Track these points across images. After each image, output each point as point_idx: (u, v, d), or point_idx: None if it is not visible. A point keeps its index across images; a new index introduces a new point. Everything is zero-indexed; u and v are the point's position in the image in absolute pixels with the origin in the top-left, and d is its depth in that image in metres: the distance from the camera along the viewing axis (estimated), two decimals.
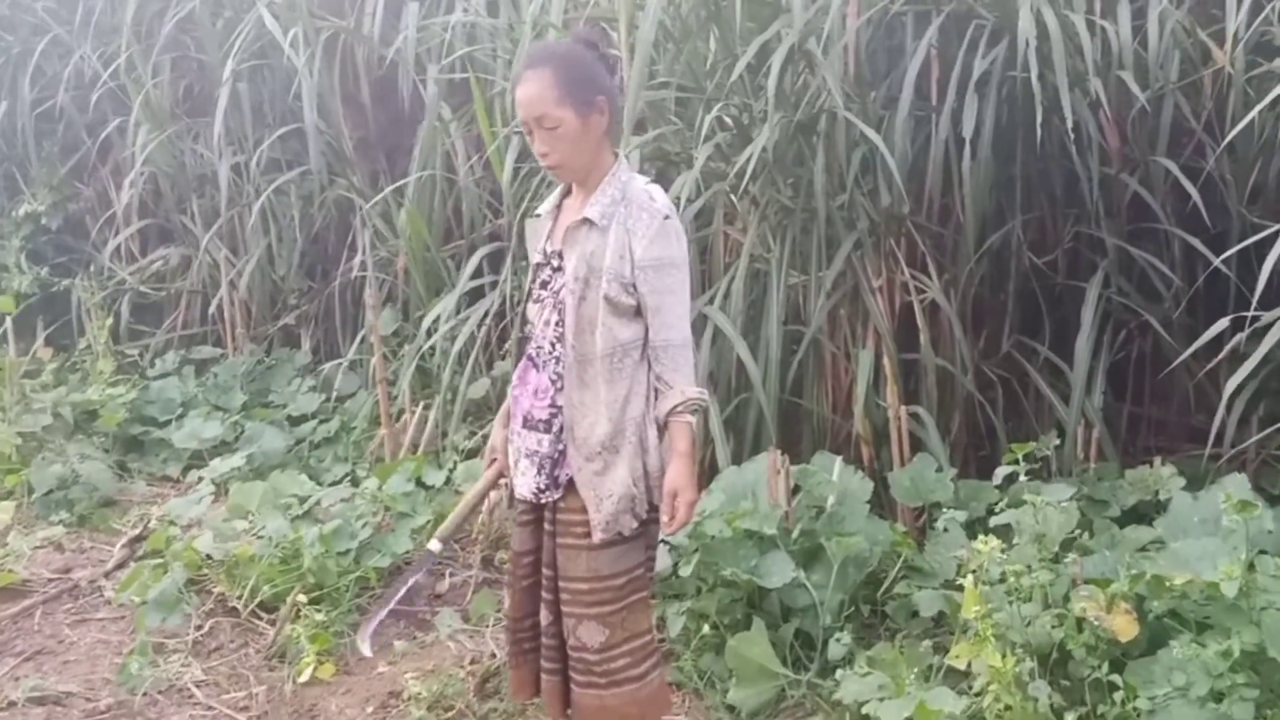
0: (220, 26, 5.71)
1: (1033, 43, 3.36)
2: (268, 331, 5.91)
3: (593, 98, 2.34)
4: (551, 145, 2.34)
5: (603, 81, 2.40)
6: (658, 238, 2.34)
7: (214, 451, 4.97)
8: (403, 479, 3.92)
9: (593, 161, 2.39)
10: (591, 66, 2.39)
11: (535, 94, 2.32)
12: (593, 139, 2.36)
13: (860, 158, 3.73)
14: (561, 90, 2.31)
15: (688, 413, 2.38)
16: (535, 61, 2.37)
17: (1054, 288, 4.18)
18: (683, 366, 2.39)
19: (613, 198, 2.37)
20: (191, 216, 6.07)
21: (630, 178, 2.41)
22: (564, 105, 2.31)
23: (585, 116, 2.33)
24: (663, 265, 2.35)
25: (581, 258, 2.36)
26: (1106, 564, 2.81)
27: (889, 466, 3.83)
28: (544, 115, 2.31)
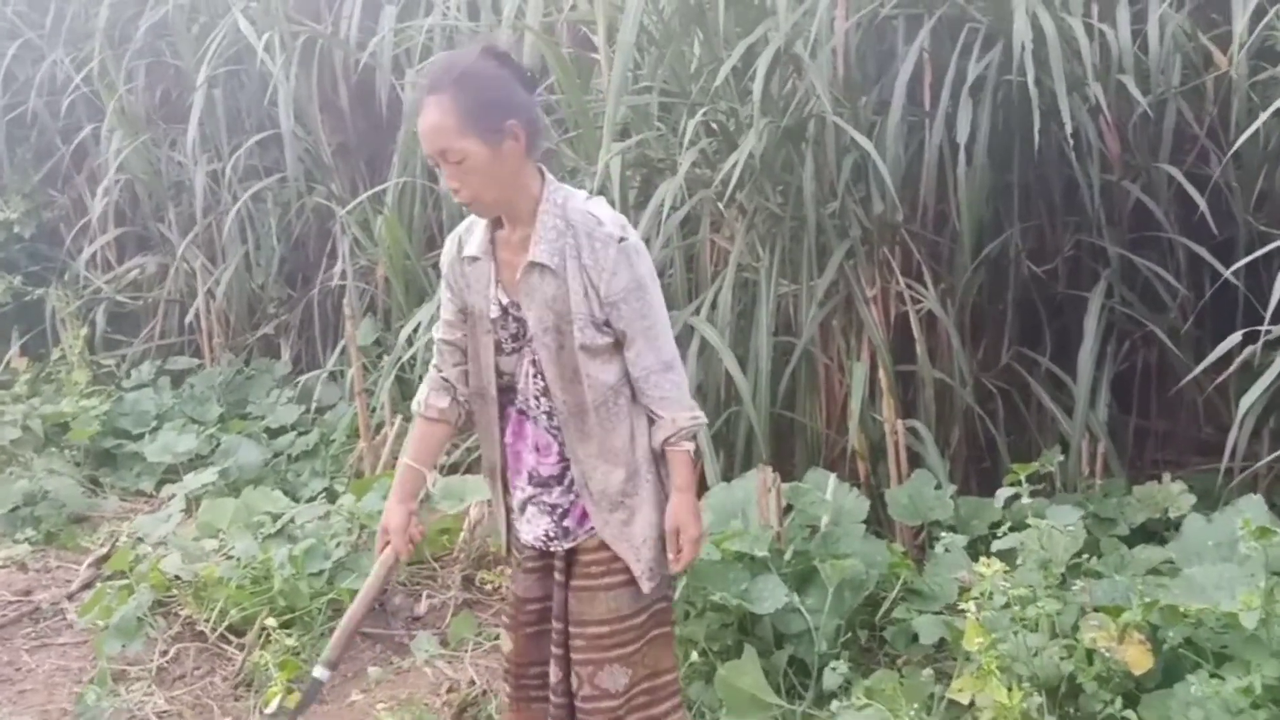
0: (195, 31, 5.58)
1: (1028, 46, 3.24)
2: (246, 341, 5.76)
3: (502, 123, 2.03)
4: (461, 180, 2.05)
5: (514, 101, 2.07)
6: (619, 265, 2.10)
7: (189, 466, 4.82)
8: (379, 495, 3.76)
9: (514, 192, 2.10)
10: (499, 85, 2.06)
11: (434, 124, 2.02)
12: (508, 168, 2.06)
13: (851, 164, 3.60)
14: (464, 118, 2.00)
15: (683, 441, 2.20)
16: (433, 86, 2.05)
17: (1054, 297, 4.07)
18: (670, 391, 2.19)
19: (556, 229, 2.10)
20: (168, 224, 5.93)
21: (566, 197, 2.13)
22: (468, 135, 2.00)
23: (495, 145, 2.03)
24: (631, 292, 2.12)
25: (544, 306, 2.13)
26: (1116, 590, 2.67)
27: (885, 483, 3.70)
28: (447, 149, 2.02)
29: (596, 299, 2.11)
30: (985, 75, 3.52)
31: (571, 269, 2.10)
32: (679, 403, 2.19)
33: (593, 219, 2.11)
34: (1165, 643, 2.43)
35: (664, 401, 2.18)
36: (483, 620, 3.51)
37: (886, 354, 3.65)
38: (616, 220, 2.14)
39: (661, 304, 2.19)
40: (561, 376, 2.16)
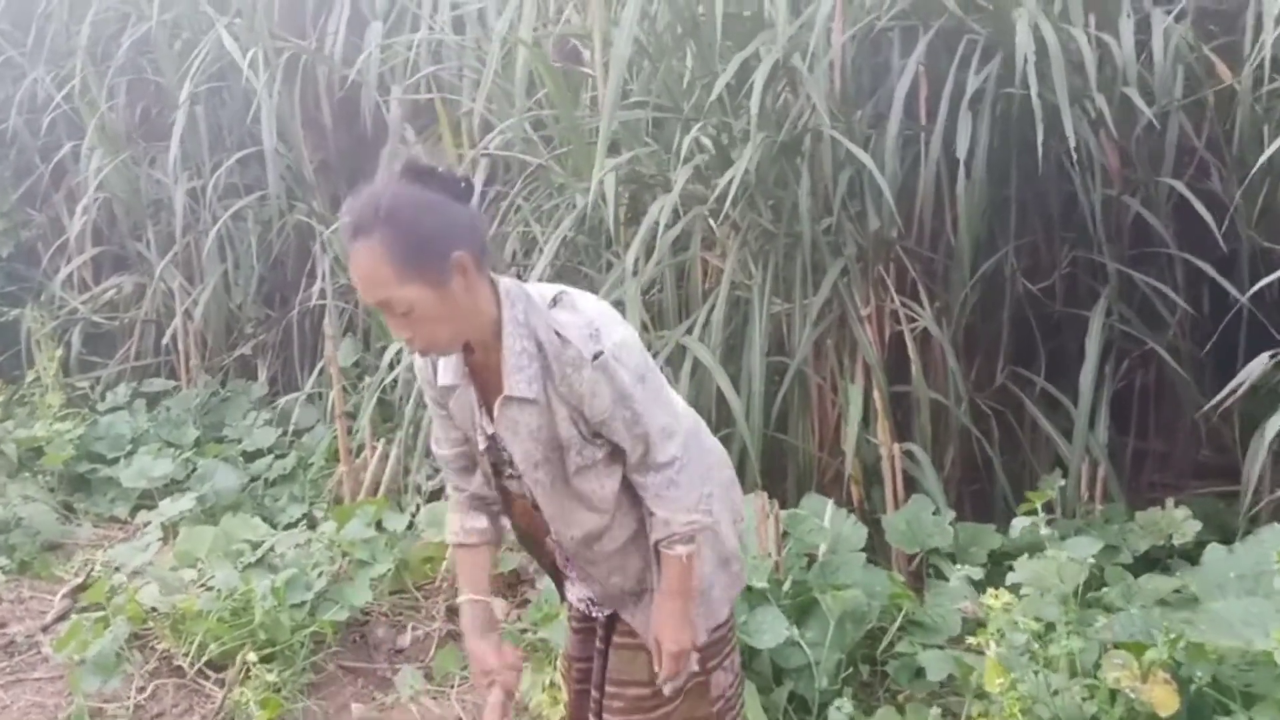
0: (178, 48, 5.48)
1: (1031, 58, 3.16)
2: (223, 362, 5.63)
3: (444, 260, 1.77)
4: (411, 329, 1.81)
5: (453, 226, 1.80)
6: (598, 385, 1.85)
7: (164, 491, 4.68)
8: (361, 523, 3.65)
9: (471, 324, 1.85)
10: (432, 213, 1.78)
11: (369, 276, 1.76)
12: (460, 305, 1.81)
13: (847, 179, 3.51)
14: (401, 264, 1.74)
15: (677, 544, 1.98)
16: (358, 228, 1.76)
17: (1051, 315, 3.99)
18: (667, 490, 1.96)
19: (528, 353, 1.85)
20: (146, 243, 5.79)
21: (528, 310, 1.86)
22: (409, 282, 1.75)
23: (443, 286, 1.78)
24: (618, 405, 1.87)
25: (529, 439, 1.91)
26: (1134, 624, 2.57)
27: (879, 508, 3.60)
28: (387, 301, 1.77)
29: (584, 421, 1.90)
30: (984, 88, 3.45)
31: (554, 400, 1.88)
32: (677, 502, 1.97)
33: (558, 341, 1.85)
34: (1192, 682, 2.32)
35: (659, 500, 1.97)
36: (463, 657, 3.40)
37: (881, 374, 3.57)
38: (585, 331, 1.86)
39: (657, 399, 1.94)
40: (562, 512, 1.99)
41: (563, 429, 1.89)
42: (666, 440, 1.93)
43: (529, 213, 3.87)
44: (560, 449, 1.91)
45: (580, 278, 3.90)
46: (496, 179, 4.10)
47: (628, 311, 3.33)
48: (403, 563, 3.61)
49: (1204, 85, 3.58)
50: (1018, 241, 3.80)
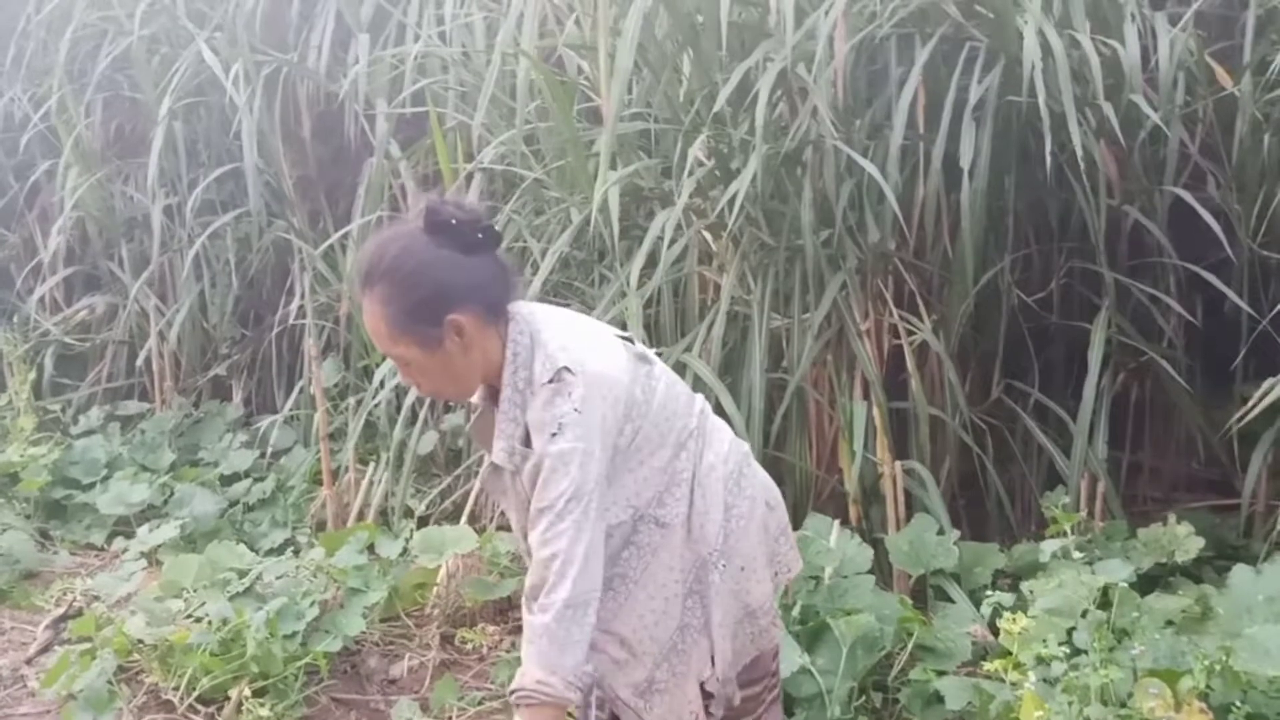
0: (156, 63, 5.35)
1: (1038, 65, 3.11)
2: (197, 383, 5.50)
3: (437, 324, 1.79)
4: (414, 378, 1.89)
5: (452, 288, 1.80)
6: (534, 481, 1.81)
7: (141, 516, 4.54)
8: (354, 549, 3.53)
9: (476, 374, 1.88)
10: (433, 272, 1.80)
11: (371, 328, 1.84)
12: (455, 364, 1.84)
13: (848, 191, 3.45)
14: (394, 326, 1.79)
15: (524, 706, 1.76)
16: (365, 279, 1.82)
17: (1047, 328, 3.94)
18: (541, 641, 1.75)
19: (515, 421, 1.83)
20: (120, 263, 5.65)
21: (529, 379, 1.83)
22: (401, 340, 1.81)
23: (436, 346, 1.81)
24: (539, 512, 1.79)
25: (520, 506, 1.89)
26: (1159, 649, 2.49)
27: (878, 527, 3.53)
28: (389, 353, 1.87)
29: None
30: (986, 97, 3.40)
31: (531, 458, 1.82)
32: (539, 654, 1.75)
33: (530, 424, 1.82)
34: (1231, 711, 2.24)
35: (527, 643, 1.78)
36: (465, 683, 3.28)
37: (881, 390, 3.50)
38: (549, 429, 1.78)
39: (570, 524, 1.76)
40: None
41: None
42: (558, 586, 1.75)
43: (524, 227, 3.78)
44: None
45: (574, 293, 3.82)
46: (494, 194, 4.01)
47: (629, 328, 3.24)
48: (394, 589, 3.50)
49: (1205, 92, 3.55)
50: (1017, 254, 3.76)
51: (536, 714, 1.75)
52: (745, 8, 3.59)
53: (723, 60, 3.45)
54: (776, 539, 2.07)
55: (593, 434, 1.78)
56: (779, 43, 3.37)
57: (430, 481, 4.30)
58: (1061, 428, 3.78)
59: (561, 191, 3.73)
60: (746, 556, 1.98)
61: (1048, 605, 2.68)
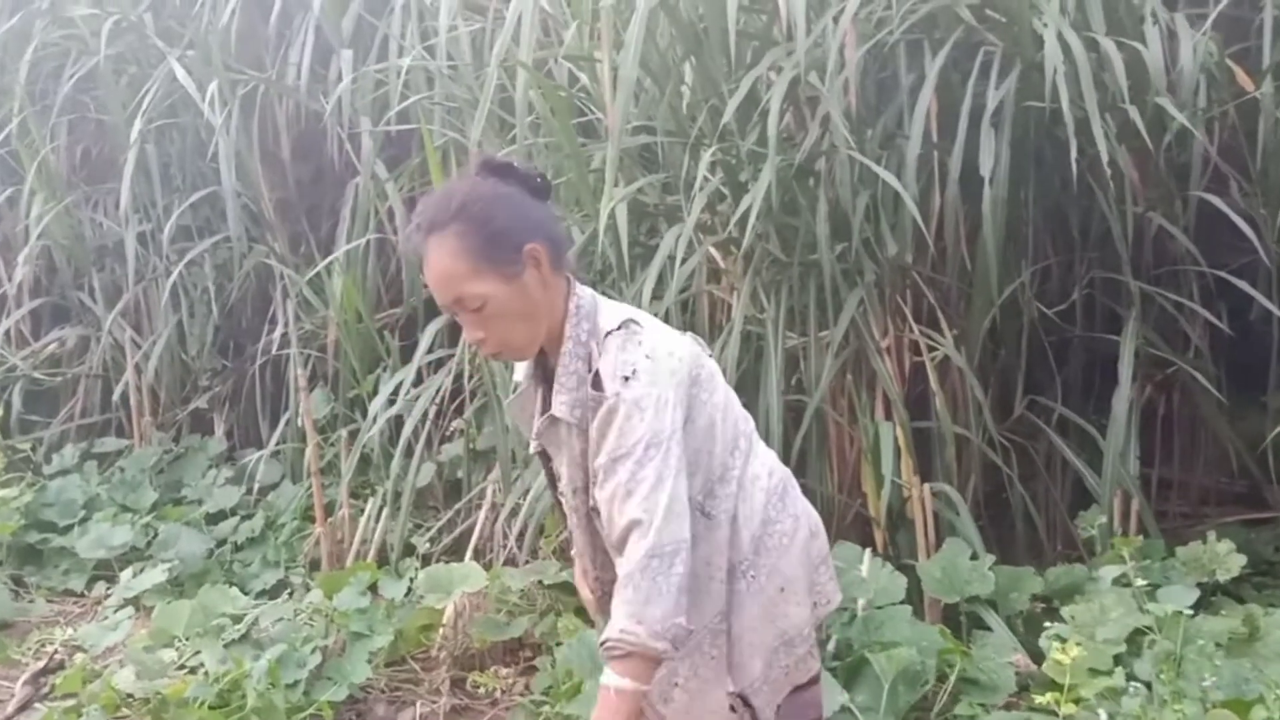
0: (125, 84, 5.15)
1: (1061, 69, 2.99)
2: (176, 417, 5.27)
3: (518, 251, 1.75)
4: (484, 328, 1.77)
5: (528, 220, 1.78)
6: (606, 430, 1.73)
7: (124, 559, 4.33)
8: (355, 591, 3.34)
9: (544, 323, 1.80)
10: (508, 206, 1.77)
11: (444, 271, 1.74)
12: (534, 299, 1.77)
13: (864, 203, 3.31)
14: (474, 257, 1.73)
15: (611, 659, 1.68)
16: (432, 224, 1.76)
17: (1069, 340, 3.82)
18: (625, 591, 1.68)
19: (578, 375, 1.77)
20: (91, 293, 5.42)
21: (590, 330, 1.79)
22: (483, 276, 1.73)
23: (516, 279, 1.75)
24: (610, 462, 1.72)
25: (572, 463, 1.81)
26: (1221, 676, 2.36)
27: (905, 553, 3.38)
28: (461, 296, 1.75)
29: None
30: (1003, 103, 3.27)
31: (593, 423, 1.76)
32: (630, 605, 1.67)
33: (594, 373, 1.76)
34: None
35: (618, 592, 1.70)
36: None
37: (903, 410, 3.36)
38: (620, 369, 1.73)
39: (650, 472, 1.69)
40: (593, 545, 1.87)
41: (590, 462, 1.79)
42: (642, 536, 1.68)
43: None
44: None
45: None
46: None
47: None
48: (399, 632, 3.31)
49: (1226, 95, 3.44)
50: (1039, 265, 3.64)
51: (623, 665, 1.67)
52: (750, 15, 3.45)
53: (730, 69, 3.30)
54: (817, 567, 1.98)
55: (666, 381, 1.73)
56: (787, 51, 3.24)
57: (427, 516, 4.12)
58: (1083, 440, 3.67)
59: (562, 210, 3.57)
60: (787, 577, 1.89)
61: (1107, 635, 2.53)
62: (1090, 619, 2.88)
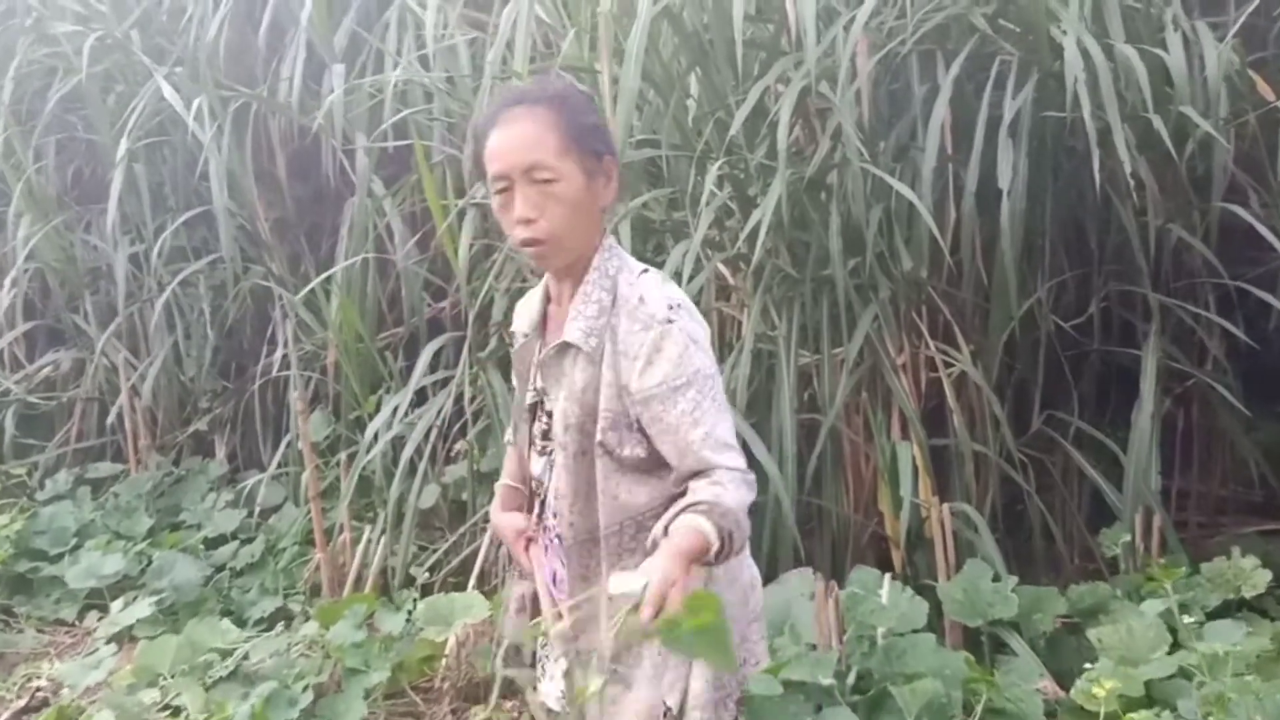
0: (112, 102, 5.06)
1: (1082, 77, 2.90)
2: (176, 440, 5.16)
3: (602, 154, 1.75)
4: (542, 209, 1.69)
5: (611, 139, 1.82)
6: (662, 353, 1.67)
7: (116, 589, 4.21)
8: (351, 624, 3.22)
9: (586, 243, 1.76)
10: (597, 115, 1.83)
11: (529, 135, 1.69)
12: (593, 212, 1.75)
13: (878, 217, 3.21)
14: (566, 136, 1.69)
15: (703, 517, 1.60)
16: (523, 98, 1.75)
17: (1088, 354, 3.73)
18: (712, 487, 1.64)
19: (600, 305, 1.73)
20: (85, 315, 5.33)
21: (620, 268, 1.77)
22: (567, 156, 1.69)
23: (593, 177, 1.73)
24: (676, 389, 1.66)
25: (571, 396, 1.75)
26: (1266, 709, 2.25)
27: (922, 574, 3.29)
28: (538, 164, 1.68)
29: (628, 396, 1.71)
30: (1020, 113, 3.18)
31: (608, 354, 1.72)
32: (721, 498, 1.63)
33: (634, 298, 1.73)
34: None
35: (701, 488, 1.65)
36: None
37: (920, 428, 3.26)
38: (665, 298, 1.72)
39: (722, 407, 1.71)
40: (575, 490, 1.77)
41: (604, 396, 1.72)
42: (727, 450, 1.69)
43: (523, 266, 3.52)
44: (595, 421, 1.73)
45: None
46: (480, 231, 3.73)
47: None
48: (398, 664, 3.20)
49: (1245, 104, 3.35)
50: (1058, 278, 3.55)
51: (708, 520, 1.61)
52: (757, 25, 3.36)
53: (738, 80, 3.21)
54: (751, 623, 1.90)
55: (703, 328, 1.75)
56: (795, 61, 3.15)
57: (433, 538, 4.02)
58: (1100, 454, 3.57)
59: None
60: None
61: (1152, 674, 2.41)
62: (1118, 642, 2.78)
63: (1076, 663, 3.00)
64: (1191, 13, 3.38)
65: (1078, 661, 3.00)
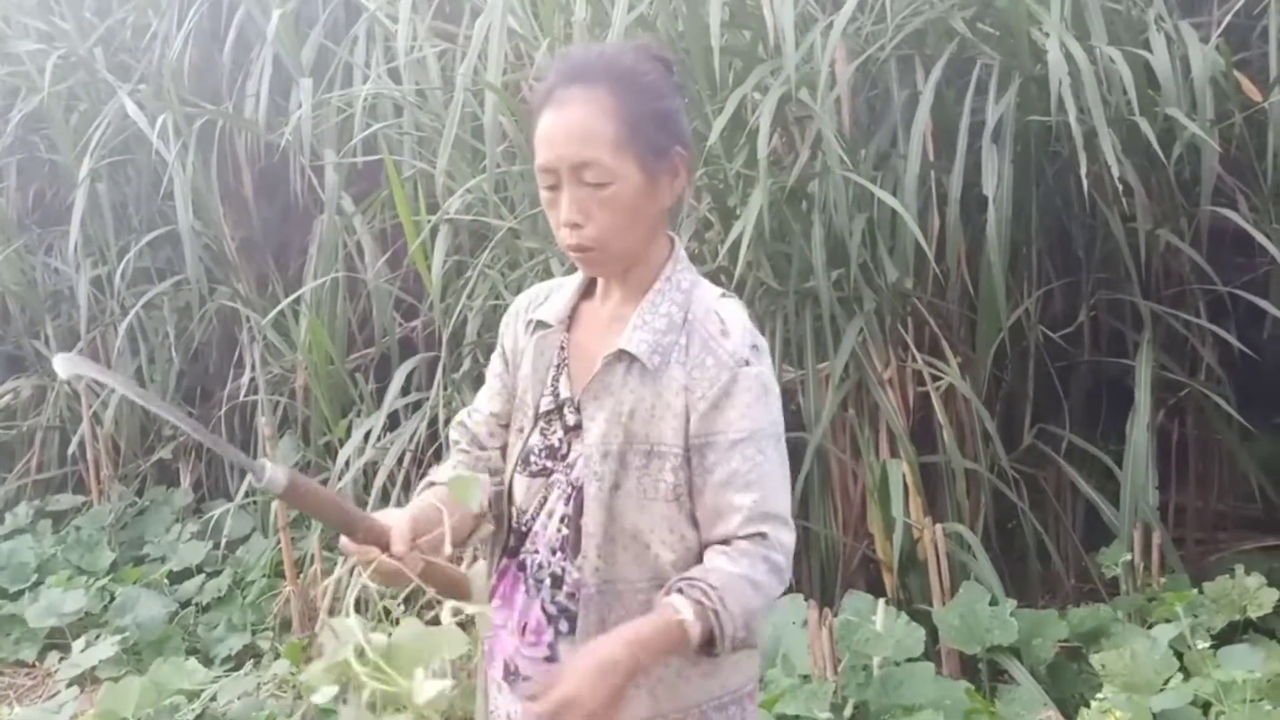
0: (75, 121, 4.92)
1: (1066, 81, 2.81)
2: (139, 469, 5.01)
3: (669, 148, 1.47)
4: (590, 212, 1.44)
5: (683, 125, 1.53)
6: (738, 397, 1.45)
7: (78, 627, 4.04)
8: None
9: (645, 248, 1.51)
10: (672, 98, 1.50)
11: (583, 125, 1.43)
12: (655, 213, 1.49)
13: (860, 227, 3.11)
14: (625, 128, 1.42)
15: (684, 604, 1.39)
16: (580, 75, 1.46)
17: (1073, 365, 3.63)
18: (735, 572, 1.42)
19: (669, 319, 1.49)
20: (45, 340, 5.17)
21: (695, 282, 1.54)
22: (625, 153, 1.43)
23: (655, 176, 1.46)
24: (747, 437, 1.44)
25: (614, 419, 1.48)
26: None
27: (916, 598, 3.17)
28: (591, 162, 1.42)
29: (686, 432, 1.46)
30: (1003, 119, 3.09)
31: (674, 378, 1.47)
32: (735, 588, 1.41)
33: (717, 325, 1.49)
34: None
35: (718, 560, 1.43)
36: None
37: (909, 445, 3.16)
38: (749, 335, 1.49)
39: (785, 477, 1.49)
40: (606, 531, 1.48)
41: (669, 429, 1.46)
42: (774, 523, 1.44)
43: (498, 283, 3.40)
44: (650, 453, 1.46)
45: None
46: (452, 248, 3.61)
47: None
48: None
49: (1232, 106, 3.27)
50: (1041, 287, 3.46)
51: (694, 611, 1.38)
52: (733, 31, 3.26)
53: (715, 89, 3.11)
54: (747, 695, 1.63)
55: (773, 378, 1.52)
56: (772, 68, 3.05)
57: None
58: (1092, 468, 3.48)
59: (538, 241, 3.36)
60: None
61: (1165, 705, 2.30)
62: (1123, 668, 2.67)
63: (1078, 690, 2.91)
64: (1173, 13, 3.31)
65: (1079, 688, 2.91)
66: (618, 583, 1.48)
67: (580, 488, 1.49)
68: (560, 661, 1.51)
